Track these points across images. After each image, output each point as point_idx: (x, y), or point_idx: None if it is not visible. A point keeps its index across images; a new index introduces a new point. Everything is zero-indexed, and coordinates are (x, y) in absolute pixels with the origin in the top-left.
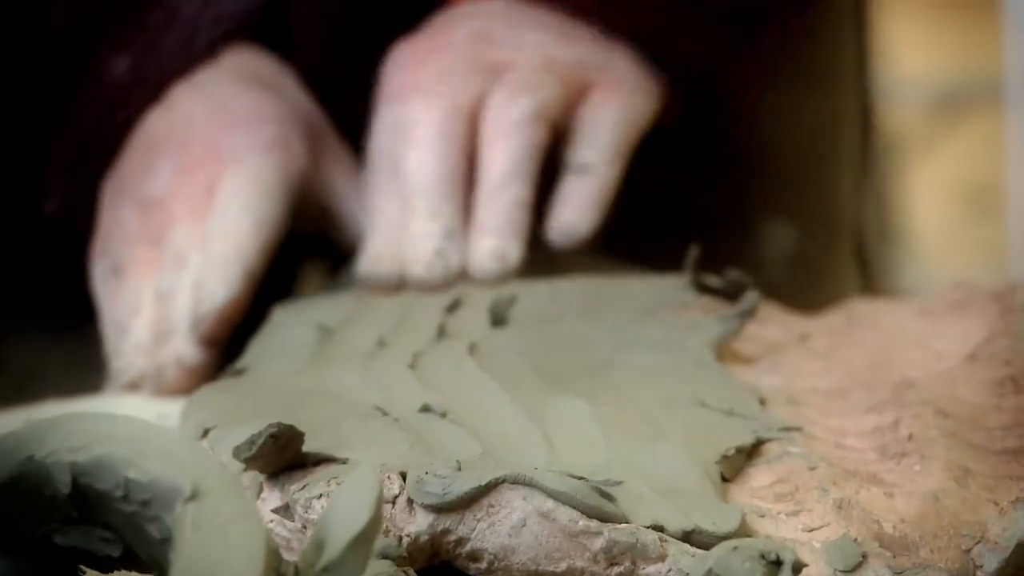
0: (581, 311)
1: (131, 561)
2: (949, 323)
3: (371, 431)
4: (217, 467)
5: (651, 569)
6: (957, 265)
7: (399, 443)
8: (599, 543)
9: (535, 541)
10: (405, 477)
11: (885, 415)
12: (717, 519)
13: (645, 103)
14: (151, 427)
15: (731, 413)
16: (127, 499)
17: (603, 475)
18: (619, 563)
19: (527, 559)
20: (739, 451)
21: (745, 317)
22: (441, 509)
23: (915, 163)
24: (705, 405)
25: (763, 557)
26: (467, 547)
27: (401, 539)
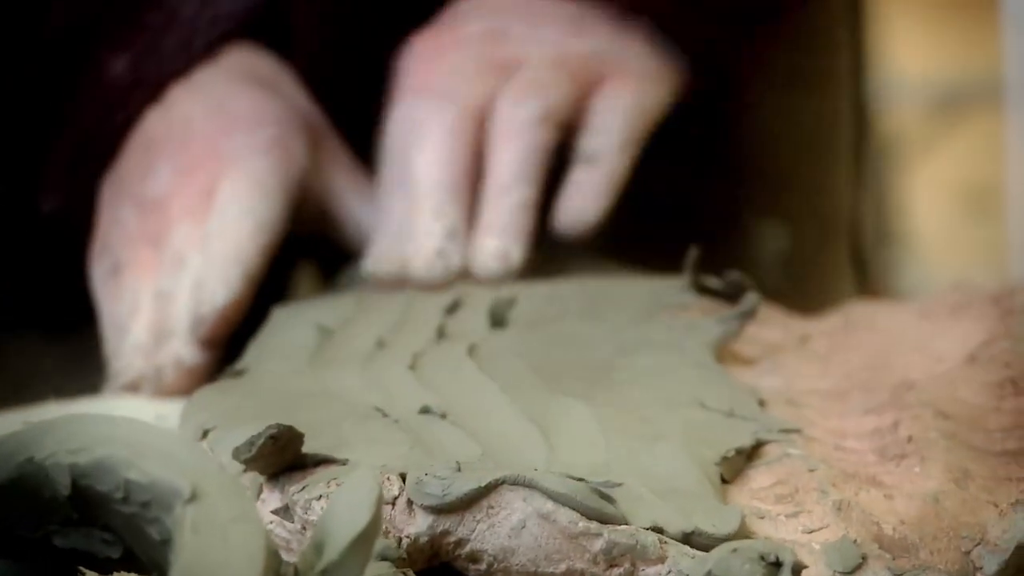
0: (581, 312)
1: (131, 563)
2: (948, 325)
3: (371, 432)
4: (216, 469)
5: (651, 571)
6: (957, 265)
7: (399, 444)
8: (599, 544)
9: (535, 542)
10: (405, 478)
11: (885, 417)
12: (717, 521)
13: (658, 93)
14: (151, 429)
15: (731, 414)
16: (127, 501)
17: (603, 476)
18: (619, 564)
19: (527, 560)
20: (739, 452)
21: (745, 319)
22: (441, 510)
23: (915, 163)
24: (705, 406)
25: (763, 558)
26: (467, 548)
27: (401, 540)
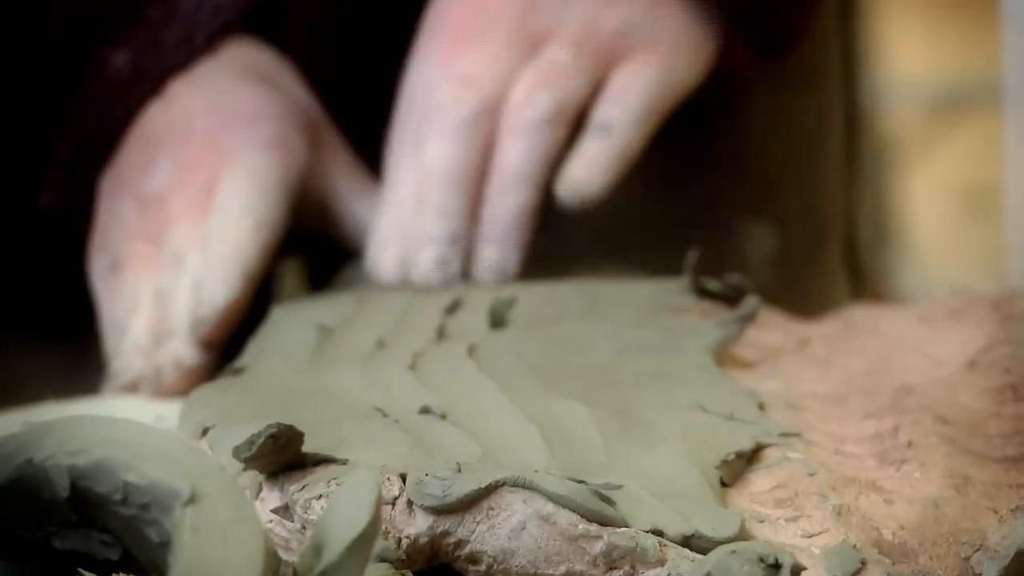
0: (581, 314)
1: (130, 564)
2: (948, 330)
3: (371, 432)
4: (216, 470)
5: (650, 573)
6: (956, 266)
7: (399, 444)
8: (599, 547)
9: (534, 544)
10: (405, 479)
11: (885, 421)
12: (717, 524)
13: (685, 70)
14: (150, 430)
15: (731, 418)
16: (126, 502)
17: (603, 478)
18: (618, 567)
19: (526, 562)
20: (739, 456)
21: (745, 322)
22: (441, 511)
23: (914, 164)
24: (705, 409)
25: (762, 560)
26: (466, 549)
27: (400, 541)
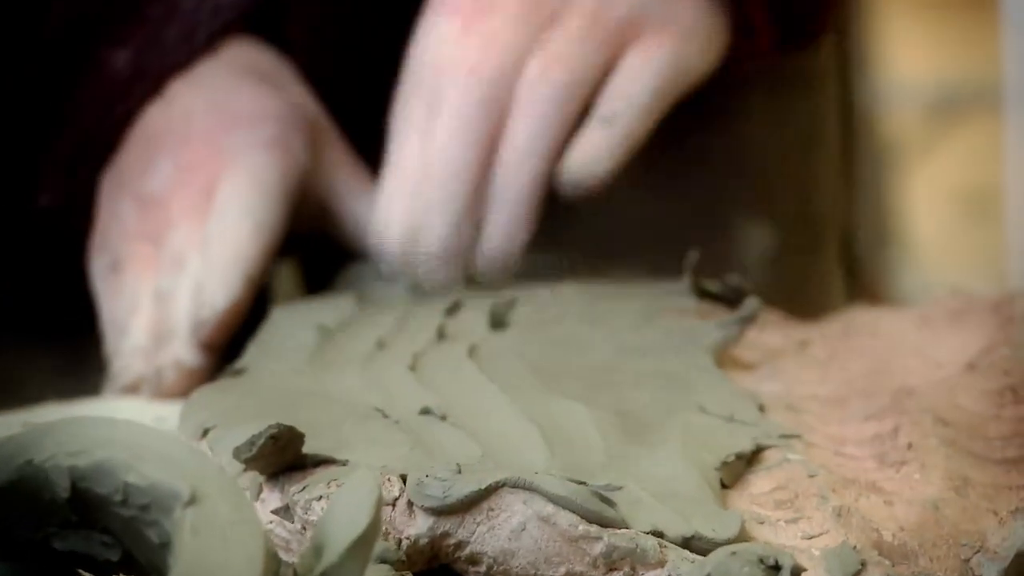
0: (581, 315)
1: (130, 565)
2: (948, 332)
3: (371, 433)
4: (216, 471)
5: (650, 575)
6: (955, 268)
7: (399, 445)
8: (599, 548)
9: (535, 545)
10: (405, 480)
11: (884, 423)
12: (717, 525)
13: (697, 56)
14: (150, 431)
15: (731, 419)
16: (126, 503)
17: (603, 479)
18: (618, 568)
19: (526, 563)
20: (739, 457)
21: (745, 323)
22: (441, 512)
23: (914, 165)
24: (705, 411)
25: (762, 561)
26: (466, 550)
27: (400, 542)
